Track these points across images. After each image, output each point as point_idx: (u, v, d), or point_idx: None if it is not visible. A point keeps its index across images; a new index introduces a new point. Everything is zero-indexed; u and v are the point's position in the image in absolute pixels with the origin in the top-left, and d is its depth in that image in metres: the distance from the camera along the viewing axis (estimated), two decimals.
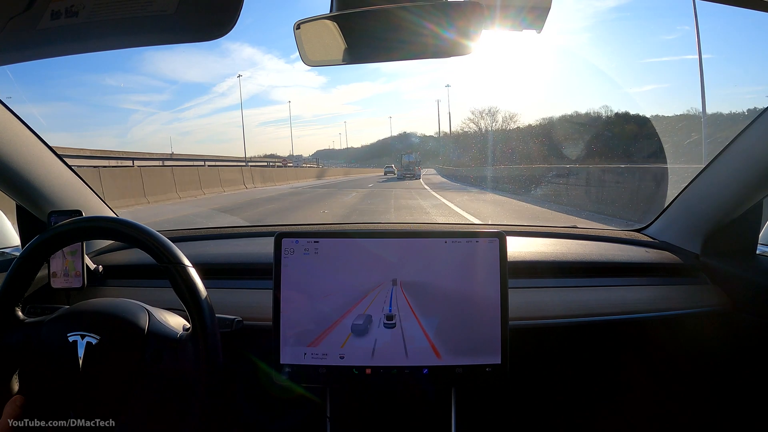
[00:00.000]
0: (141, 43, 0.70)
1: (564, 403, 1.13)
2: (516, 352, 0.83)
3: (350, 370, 0.81)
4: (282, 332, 0.81)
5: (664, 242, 1.21)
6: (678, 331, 1.04)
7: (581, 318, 0.99)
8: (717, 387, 1.09)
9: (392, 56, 0.77)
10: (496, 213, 8.61)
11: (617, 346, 1.10)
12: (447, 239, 0.83)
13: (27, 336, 0.71)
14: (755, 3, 0.65)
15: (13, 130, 0.93)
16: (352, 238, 0.84)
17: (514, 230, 1.28)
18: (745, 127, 0.95)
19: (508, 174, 16.41)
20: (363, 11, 0.69)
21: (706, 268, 1.10)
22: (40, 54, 0.65)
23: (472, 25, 0.68)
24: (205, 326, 0.70)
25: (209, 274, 0.83)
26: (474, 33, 0.69)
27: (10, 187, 1.00)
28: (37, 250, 0.71)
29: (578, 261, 1.12)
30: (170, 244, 0.72)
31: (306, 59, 0.77)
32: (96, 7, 0.56)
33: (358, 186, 19.19)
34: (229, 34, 0.60)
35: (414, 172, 27.30)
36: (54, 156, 1.05)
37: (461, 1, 0.68)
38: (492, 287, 0.82)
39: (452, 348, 0.81)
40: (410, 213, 8.39)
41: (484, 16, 0.68)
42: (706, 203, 1.09)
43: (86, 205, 1.15)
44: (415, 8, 0.70)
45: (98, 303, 0.78)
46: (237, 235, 1.39)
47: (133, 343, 0.72)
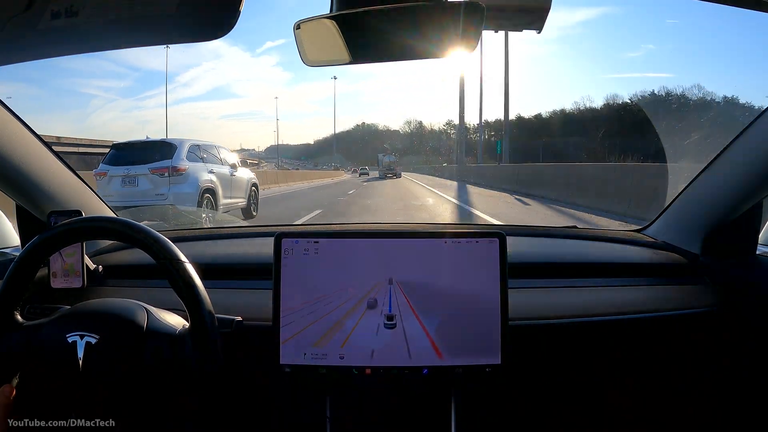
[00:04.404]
0: (141, 43, 0.70)
1: (564, 404, 1.13)
2: (516, 353, 0.83)
3: (350, 370, 0.81)
4: (282, 332, 0.81)
5: (663, 242, 1.21)
6: (678, 332, 1.04)
7: (581, 318, 0.99)
8: (717, 387, 1.09)
9: (392, 56, 0.77)
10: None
11: (617, 347, 1.10)
12: (447, 239, 0.83)
13: (26, 339, 0.71)
14: (755, 3, 0.65)
15: (13, 130, 0.93)
16: (352, 238, 0.84)
17: (514, 230, 1.28)
18: (745, 127, 0.95)
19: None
20: (363, 11, 0.69)
21: (706, 268, 1.10)
22: (40, 54, 0.65)
23: (472, 25, 0.68)
24: (203, 321, 0.70)
25: (209, 274, 0.83)
26: (474, 33, 0.69)
27: (10, 187, 0.99)
28: (36, 251, 0.71)
29: (578, 261, 1.12)
30: (167, 241, 0.72)
31: (306, 59, 0.77)
32: (96, 7, 0.56)
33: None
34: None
35: (395, 171, 30.19)
36: (54, 156, 1.05)
37: (461, 2, 0.68)
38: (492, 287, 0.82)
39: (452, 348, 0.81)
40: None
41: (484, 17, 0.68)
42: (706, 203, 1.09)
43: (86, 205, 1.14)
44: (415, 8, 0.70)
45: (97, 303, 0.78)
46: (237, 235, 1.39)
47: (133, 341, 0.72)
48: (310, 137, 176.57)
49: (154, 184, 5.62)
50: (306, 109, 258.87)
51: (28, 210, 1.06)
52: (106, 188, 5.58)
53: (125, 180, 5.68)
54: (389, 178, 27.05)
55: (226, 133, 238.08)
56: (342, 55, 0.76)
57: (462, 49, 0.72)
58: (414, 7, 0.70)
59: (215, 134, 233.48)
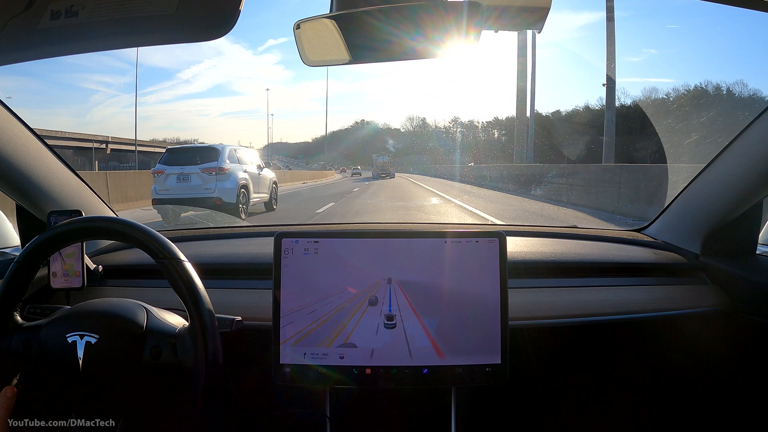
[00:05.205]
0: (141, 43, 0.70)
1: (563, 403, 1.13)
2: (516, 352, 0.83)
3: (350, 370, 0.81)
4: (282, 332, 0.81)
5: (664, 242, 1.21)
6: (678, 331, 1.04)
7: (581, 318, 0.99)
8: (717, 387, 1.09)
9: (392, 56, 0.77)
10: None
11: (617, 346, 1.10)
12: (447, 239, 0.83)
13: (26, 340, 0.71)
14: (755, 3, 0.65)
15: (13, 130, 0.93)
16: (352, 238, 0.84)
17: (514, 230, 1.28)
18: (745, 127, 0.95)
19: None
20: (363, 11, 0.69)
21: (706, 268, 1.10)
22: (40, 54, 0.65)
23: (472, 25, 0.68)
24: (203, 320, 0.70)
25: (209, 274, 0.83)
26: (474, 33, 0.69)
27: (10, 187, 0.99)
28: (36, 251, 0.71)
29: (578, 261, 1.12)
30: (166, 240, 0.72)
31: (305, 59, 0.77)
32: (96, 7, 0.56)
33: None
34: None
35: (389, 171, 30.25)
36: (54, 156, 1.05)
37: (462, 2, 0.68)
38: (492, 287, 0.82)
39: (452, 348, 0.81)
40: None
41: (485, 17, 0.68)
42: (706, 203, 1.09)
43: (86, 205, 1.14)
44: (415, 8, 0.70)
45: (96, 303, 0.78)
46: (237, 235, 1.39)
47: (132, 341, 0.72)
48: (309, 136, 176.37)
49: (203, 181, 6.93)
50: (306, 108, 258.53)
51: (28, 210, 1.06)
52: (163, 184, 7.00)
53: (180, 177, 6.98)
54: (383, 178, 27.05)
55: (225, 131, 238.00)
56: (342, 54, 0.76)
57: (462, 48, 0.72)
58: (414, 7, 0.70)
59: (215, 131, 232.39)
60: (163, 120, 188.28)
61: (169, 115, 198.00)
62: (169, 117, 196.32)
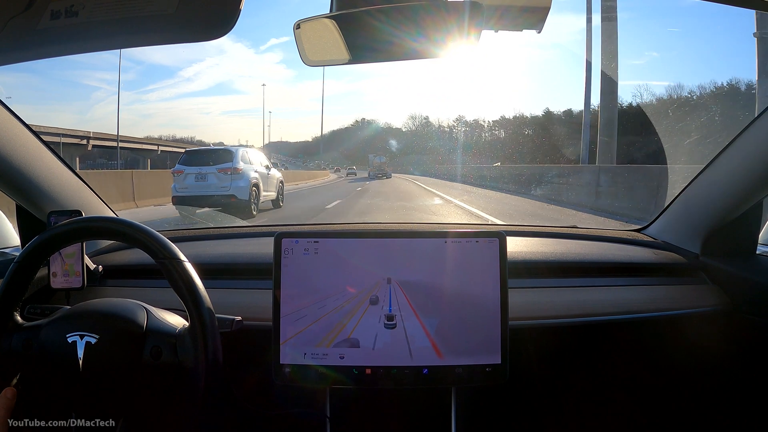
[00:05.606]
0: (141, 42, 0.70)
1: (564, 403, 1.13)
2: (516, 352, 0.83)
3: (350, 370, 0.81)
4: (282, 332, 0.81)
5: (664, 242, 1.21)
6: (678, 331, 1.04)
7: (581, 318, 0.99)
8: (717, 387, 1.09)
9: (392, 56, 0.77)
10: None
11: (617, 346, 1.10)
12: (447, 239, 0.83)
13: (26, 340, 0.71)
14: (755, 3, 0.65)
15: (13, 130, 0.93)
16: (352, 238, 0.84)
17: (513, 230, 1.28)
18: (745, 127, 0.95)
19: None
20: (363, 11, 0.69)
21: (706, 268, 1.10)
22: (40, 54, 0.65)
23: (473, 25, 0.68)
24: (203, 320, 0.70)
25: (209, 274, 0.83)
26: (474, 33, 0.69)
27: (10, 187, 0.99)
28: (36, 251, 0.71)
29: (578, 261, 1.12)
30: (166, 240, 0.72)
31: (306, 59, 0.77)
32: (96, 7, 0.56)
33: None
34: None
35: (385, 171, 30.77)
36: (54, 156, 1.05)
37: (462, 2, 0.68)
38: (492, 287, 0.82)
39: (452, 348, 0.81)
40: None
41: (485, 17, 0.68)
42: (706, 203, 1.09)
43: (86, 205, 1.14)
44: (415, 8, 0.70)
45: (96, 303, 0.78)
46: (237, 235, 1.39)
47: (132, 341, 0.72)
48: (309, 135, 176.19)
49: (219, 180, 7.62)
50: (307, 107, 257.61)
51: (28, 210, 1.06)
52: (182, 182, 7.75)
53: (198, 176, 7.69)
54: (379, 178, 27.39)
55: (227, 129, 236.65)
56: (342, 54, 0.76)
57: (462, 49, 0.72)
58: (414, 7, 0.70)
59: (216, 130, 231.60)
60: (164, 117, 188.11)
61: (171, 112, 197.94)
62: (171, 114, 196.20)
